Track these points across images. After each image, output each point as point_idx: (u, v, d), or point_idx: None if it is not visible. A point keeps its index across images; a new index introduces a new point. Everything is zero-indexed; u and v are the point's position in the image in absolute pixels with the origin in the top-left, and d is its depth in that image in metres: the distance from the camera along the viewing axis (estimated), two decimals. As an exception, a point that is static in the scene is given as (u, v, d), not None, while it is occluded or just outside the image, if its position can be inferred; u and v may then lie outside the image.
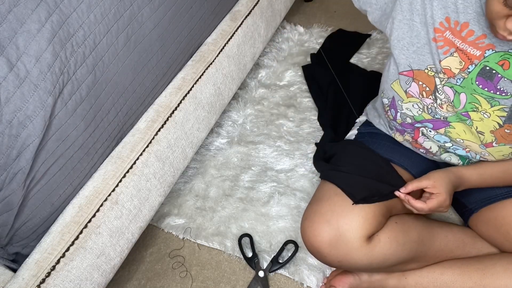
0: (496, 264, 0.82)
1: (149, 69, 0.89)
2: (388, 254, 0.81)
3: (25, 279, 0.69)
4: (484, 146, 0.78)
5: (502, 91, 0.70)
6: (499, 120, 0.73)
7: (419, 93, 0.80)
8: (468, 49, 0.70)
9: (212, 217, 1.13)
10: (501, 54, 0.67)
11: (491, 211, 0.86)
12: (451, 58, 0.72)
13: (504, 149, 0.76)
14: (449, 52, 0.72)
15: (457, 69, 0.73)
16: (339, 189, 0.84)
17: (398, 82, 0.82)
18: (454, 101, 0.76)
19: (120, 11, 0.78)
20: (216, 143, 1.29)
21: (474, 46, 0.69)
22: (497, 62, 0.68)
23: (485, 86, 0.71)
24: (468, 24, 0.69)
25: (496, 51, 0.68)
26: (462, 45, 0.70)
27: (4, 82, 0.62)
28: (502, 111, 0.72)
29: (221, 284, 1.03)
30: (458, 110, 0.76)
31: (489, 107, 0.73)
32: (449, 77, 0.74)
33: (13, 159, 0.65)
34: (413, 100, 0.81)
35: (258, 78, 1.46)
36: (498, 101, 0.71)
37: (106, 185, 0.81)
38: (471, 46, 0.70)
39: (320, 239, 0.80)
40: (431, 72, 0.76)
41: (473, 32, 0.69)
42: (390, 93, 0.86)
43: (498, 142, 0.75)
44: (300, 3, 1.74)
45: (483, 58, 0.69)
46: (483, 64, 0.70)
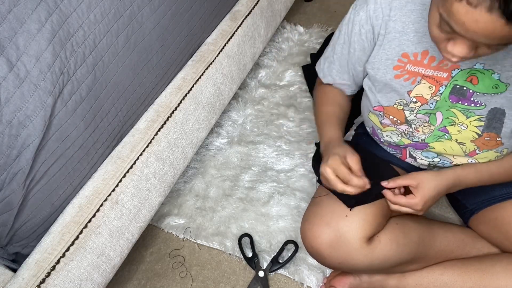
0: (496, 265, 0.82)
1: (149, 69, 0.89)
2: (388, 255, 0.81)
3: (25, 279, 0.69)
4: (468, 155, 0.79)
5: (476, 103, 0.72)
6: (477, 130, 0.74)
7: (393, 124, 0.82)
8: (434, 73, 0.72)
9: (212, 217, 1.13)
10: (467, 71, 0.70)
11: (491, 212, 0.86)
12: (420, 86, 0.74)
13: (489, 154, 0.77)
14: (416, 81, 0.74)
15: (428, 95, 0.75)
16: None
17: (373, 115, 0.85)
18: (430, 120, 0.77)
19: (120, 11, 0.78)
20: (216, 143, 1.29)
21: (440, 70, 0.72)
22: (466, 79, 0.70)
23: (459, 101, 0.73)
24: (428, 51, 0.71)
25: (462, 69, 0.70)
26: (428, 72, 0.73)
27: (4, 82, 0.62)
28: (479, 121, 0.73)
29: (221, 284, 1.03)
30: (435, 127, 0.77)
31: (465, 119, 0.74)
32: (422, 103, 0.76)
33: (13, 159, 0.65)
34: (390, 129, 0.84)
35: (258, 78, 1.46)
36: (473, 112, 0.73)
37: (106, 185, 0.81)
38: (436, 70, 0.72)
39: (320, 241, 0.80)
40: (399, 106, 0.78)
41: (434, 57, 0.71)
42: (369, 123, 0.89)
43: (481, 149, 0.76)
44: (300, 3, 1.74)
45: (451, 78, 0.71)
46: (453, 84, 0.72)
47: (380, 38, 0.76)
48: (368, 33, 0.78)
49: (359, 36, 0.79)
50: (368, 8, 0.76)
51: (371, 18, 0.76)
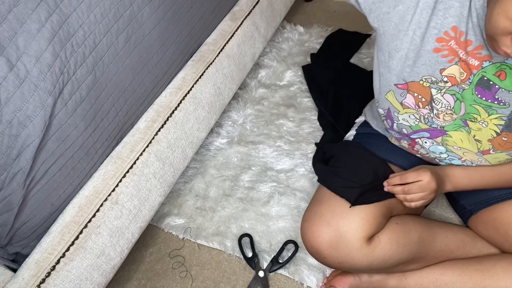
0: (496, 265, 0.82)
1: (149, 69, 0.89)
2: (388, 255, 0.81)
3: (25, 279, 0.69)
4: (481, 153, 0.78)
5: (500, 101, 0.69)
6: (496, 129, 0.73)
7: (415, 104, 0.78)
8: (468, 59, 0.69)
9: (212, 217, 1.13)
10: (497, 65, 0.67)
11: (490, 213, 0.86)
12: (455, 67, 0.70)
13: (501, 156, 0.76)
14: (454, 61, 0.70)
15: (459, 79, 0.71)
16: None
17: (393, 94, 0.80)
18: (455, 108, 0.75)
19: (120, 11, 0.78)
20: (216, 143, 1.29)
21: (473, 56, 0.68)
22: (494, 73, 0.68)
23: (483, 95, 0.70)
24: (467, 34, 0.67)
25: (493, 62, 0.67)
26: (465, 56, 0.69)
27: (4, 82, 0.62)
28: (500, 120, 0.71)
29: (221, 284, 1.03)
30: (458, 116, 0.76)
31: (486, 116, 0.72)
32: (453, 84, 0.72)
33: (13, 159, 0.65)
34: (409, 111, 0.80)
35: (258, 78, 1.46)
36: (496, 110, 0.71)
37: (106, 185, 0.81)
38: (470, 56, 0.68)
39: (320, 240, 0.80)
40: (426, 83, 0.74)
41: (471, 42, 0.67)
42: (385, 104, 0.84)
43: (496, 150, 0.75)
44: (300, 3, 1.74)
45: (481, 69, 0.68)
46: (481, 74, 0.69)
47: None
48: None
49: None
50: None
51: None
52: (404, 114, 0.81)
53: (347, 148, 0.96)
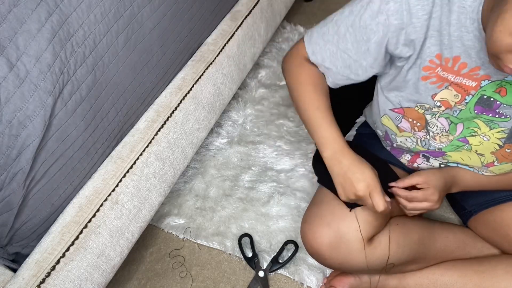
0: (496, 267, 0.82)
1: (149, 69, 0.89)
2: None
3: (25, 279, 0.69)
4: (485, 166, 0.77)
5: (501, 115, 0.69)
6: (499, 142, 0.72)
7: (410, 128, 0.79)
8: (463, 81, 0.68)
9: (212, 217, 1.13)
10: (497, 83, 0.66)
11: (490, 214, 0.86)
12: (446, 91, 0.70)
13: (505, 167, 0.76)
14: (443, 86, 0.70)
15: (453, 102, 0.71)
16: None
17: (388, 117, 0.80)
18: (450, 130, 0.75)
19: (120, 11, 0.78)
20: (216, 143, 1.29)
21: (469, 78, 0.67)
22: (494, 91, 0.67)
23: (484, 112, 0.70)
24: (459, 57, 0.66)
25: (492, 80, 0.66)
26: (457, 79, 0.68)
27: (4, 82, 0.62)
28: (502, 133, 0.71)
29: (221, 284, 1.03)
30: (455, 136, 0.75)
31: (488, 130, 0.72)
32: (446, 108, 0.72)
33: (13, 159, 0.65)
34: (406, 134, 0.80)
35: (258, 78, 1.46)
36: (497, 124, 0.70)
37: (106, 185, 0.81)
38: (466, 78, 0.68)
39: (320, 241, 0.79)
40: (421, 109, 0.74)
41: (466, 64, 0.66)
42: (382, 127, 0.84)
43: (500, 162, 0.75)
44: (300, 3, 1.74)
45: (480, 88, 0.68)
46: (480, 94, 0.68)
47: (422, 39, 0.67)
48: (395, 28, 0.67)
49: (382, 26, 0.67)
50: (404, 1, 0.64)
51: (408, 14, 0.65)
52: (401, 137, 0.82)
53: None
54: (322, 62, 0.78)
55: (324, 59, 0.77)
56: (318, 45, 0.78)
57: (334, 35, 0.75)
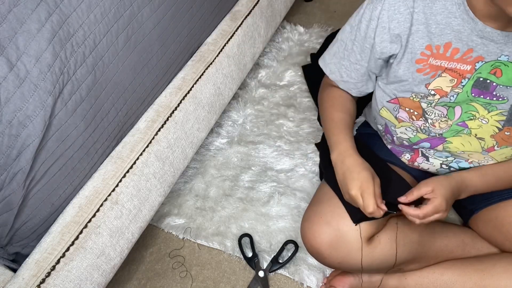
0: (496, 265, 0.82)
1: (149, 69, 0.89)
2: (388, 255, 0.81)
3: (25, 279, 0.69)
4: (486, 151, 0.77)
5: (498, 97, 0.70)
6: (498, 124, 0.73)
7: (409, 118, 0.80)
8: (457, 66, 0.70)
9: (212, 217, 1.13)
10: (491, 63, 0.68)
11: (491, 212, 0.86)
12: (440, 79, 0.73)
13: (506, 151, 0.76)
14: (437, 74, 0.72)
15: (448, 87, 0.73)
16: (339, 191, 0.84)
17: (386, 109, 0.82)
18: (448, 114, 0.76)
19: (120, 11, 0.78)
20: (216, 143, 1.29)
21: (463, 62, 0.70)
22: (489, 72, 0.69)
23: (481, 94, 0.71)
24: (450, 43, 0.69)
25: (486, 61, 0.68)
26: (451, 65, 0.71)
27: (4, 82, 0.62)
28: (501, 115, 0.72)
29: (221, 284, 1.03)
30: (453, 121, 0.76)
31: (486, 113, 0.73)
32: (441, 96, 0.74)
33: (13, 159, 0.65)
34: (405, 124, 0.81)
35: (258, 78, 1.46)
36: (495, 106, 0.71)
37: (106, 185, 0.81)
38: (460, 62, 0.70)
39: (320, 240, 0.79)
40: (416, 98, 0.76)
41: (458, 49, 0.69)
42: (381, 120, 0.86)
43: (500, 145, 0.75)
44: (300, 3, 1.74)
45: (475, 71, 0.70)
46: (476, 76, 0.70)
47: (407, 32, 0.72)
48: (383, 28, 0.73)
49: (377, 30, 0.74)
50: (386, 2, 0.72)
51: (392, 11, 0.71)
52: (400, 127, 0.83)
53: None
54: (340, 78, 0.87)
55: (342, 75, 0.86)
56: (333, 64, 0.87)
57: (344, 51, 0.83)
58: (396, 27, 0.72)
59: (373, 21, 0.74)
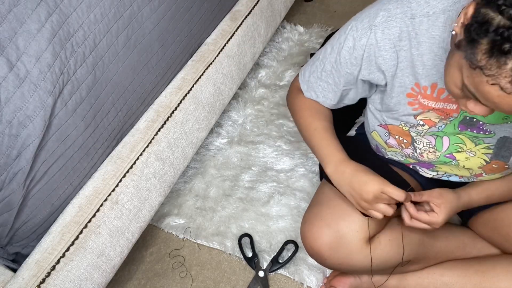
0: (496, 266, 0.82)
1: (149, 69, 0.89)
2: (388, 256, 0.80)
3: (25, 279, 0.69)
4: (474, 177, 0.79)
5: (485, 131, 0.71)
6: (485, 157, 0.73)
7: (398, 145, 0.80)
8: (444, 106, 0.70)
9: (212, 217, 1.13)
10: None
11: (491, 213, 0.86)
12: (429, 113, 0.72)
13: (494, 176, 0.77)
14: (425, 111, 0.72)
15: (437, 118, 0.73)
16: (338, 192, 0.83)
17: (377, 133, 0.83)
18: (436, 145, 0.76)
19: (120, 11, 0.78)
20: (216, 143, 1.29)
21: (449, 102, 0.69)
22: None
23: (468, 129, 0.72)
24: (436, 84, 0.69)
25: None
26: (438, 105, 0.70)
27: (4, 82, 0.62)
28: (488, 149, 0.72)
29: (221, 284, 1.03)
30: (441, 153, 0.76)
31: (473, 146, 0.73)
32: (430, 126, 0.74)
33: (13, 159, 0.65)
34: (394, 150, 0.82)
35: (258, 78, 1.46)
36: (482, 140, 0.72)
37: (106, 185, 0.81)
38: (446, 102, 0.70)
39: (320, 242, 0.79)
40: (405, 127, 0.76)
41: (443, 90, 0.68)
42: (373, 141, 0.87)
43: (488, 173, 0.76)
44: (300, 3, 1.74)
45: (461, 111, 0.70)
46: (463, 116, 0.70)
47: (392, 70, 0.71)
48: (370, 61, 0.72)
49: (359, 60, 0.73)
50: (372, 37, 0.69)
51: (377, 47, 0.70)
52: (390, 151, 0.84)
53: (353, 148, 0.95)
54: (316, 98, 0.84)
55: (318, 95, 0.84)
56: (310, 83, 0.84)
57: (322, 72, 0.80)
58: (382, 64, 0.70)
59: (357, 50, 0.72)
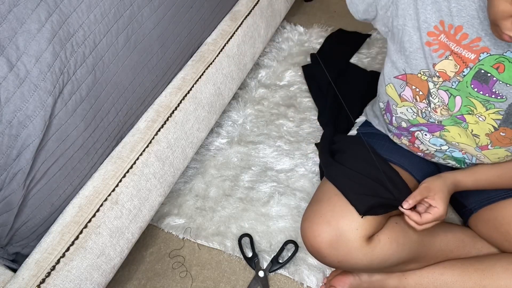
0: (496, 265, 0.82)
1: (149, 69, 0.89)
2: (388, 255, 0.81)
3: (25, 279, 0.69)
4: (479, 148, 0.78)
5: (497, 95, 0.70)
6: (494, 123, 0.73)
7: (412, 97, 0.79)
8: (462, 52, 0.69)
9: (212, 217, 1.13)
10: (495, 57, 0.67)
11: (490, 211, 0.86)
12: (446, 61, 0.72)
13: (499, 152, 0.76)
14: (444, 55, 0.72)
15: (452, 72, 0.72)
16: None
17: (392, 86, 0.82)
18: (449, 104, 0.76)
19: (120, 11, 0.78)
20: (216, 143, 1.29)
21: (469, 49, 0.69)
22: (492, 65, 0.68)
23: (480, 89, 0.71)
24: (462, 27, 0.68)
25: (491, 54, 0.67)
26: (457, 48, 0.70)
27: (4, 82, 0.62)
28: (498, 114, 0.71)
29: (221, 284, 1.03)
30: (453, 113, 0.76)
31: (484, 110, 0.72)
32: (444, 80, 0.74)
33: (13, 159, 0.65)
34: (407, 104, 0.81)
35: (258, 78, 1.46)
36: (493, 104, 0.71)
37: (106, 185, 0.81)
38: (465, 49, 0.69)
39: (320, 239, 0.80)
40: (424, 76, 0.76)
41: (467, 35, 0.68)
42: (384, 97, 0.86)
43: (494, 145, 0.75)
44: (300, 3, 1.74)
45: (478, 62, 0.69)
46: (478, 67, 0.69)
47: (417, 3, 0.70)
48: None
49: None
50: None
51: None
52: (402, 107, 0.82)
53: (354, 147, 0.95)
54: None
55: None
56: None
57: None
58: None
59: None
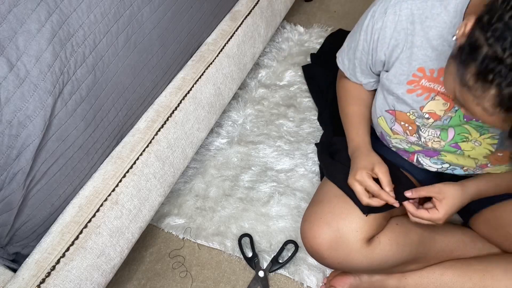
0: (496, 266, 0.82)
1: (149, 69, 0.89)
2: (388, 256, 0.81)
3: (25, 279, 0.69)
4: (479, 167, 0.78)
5: None
6: (490, 148, 0.73)
7: (403, 132, 0.81)
8: None
9: (212, 217, 1.13)
10: None
11: (491, 212, 0.86)
12: (433, 102, 0.73)
13: (500, 168, 0.77)
14: (430, 97, 0.73)
15: (442, 111, 0.73)
16: (339, 191, 0.84)
17: (384, 119, 0.83)
18: (441, 135, 0.76)
19: (120, 11, 0.78)
20: (216, 143, 1.29)
21: None
22: None
23: (473, 118, 0.71)
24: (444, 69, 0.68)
25: None
26: (443, 89, 0.70)
27: (4, 82, 0.62)
28: (493, 139, 0.72)
29: (221, 284, 1.03)
30: (446, 142, 0.77)
31: (478, 136, 0.73)
32: (435, 120, 0.74)
33: (13, 159, 0.65)
34: (399, 137, 0.83)
35: (258, 78, 1.46)
36: (487, 130, 0.72)
37: (106, 185, 0.81)
38: None
39: (320, 241, 0.79)
40: (412, 116, 0.77)
41: None
42: (378, 128, 0.88)
43: (493, 164, 0.76)
44: (300, 3, 1.74)
45: None
46: None
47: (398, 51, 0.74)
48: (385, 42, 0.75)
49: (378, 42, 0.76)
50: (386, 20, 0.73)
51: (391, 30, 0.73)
52: (395, 139, 0.84)
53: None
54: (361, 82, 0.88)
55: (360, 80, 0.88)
56: (349, 70, 0.89)
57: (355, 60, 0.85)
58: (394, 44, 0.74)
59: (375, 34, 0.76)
